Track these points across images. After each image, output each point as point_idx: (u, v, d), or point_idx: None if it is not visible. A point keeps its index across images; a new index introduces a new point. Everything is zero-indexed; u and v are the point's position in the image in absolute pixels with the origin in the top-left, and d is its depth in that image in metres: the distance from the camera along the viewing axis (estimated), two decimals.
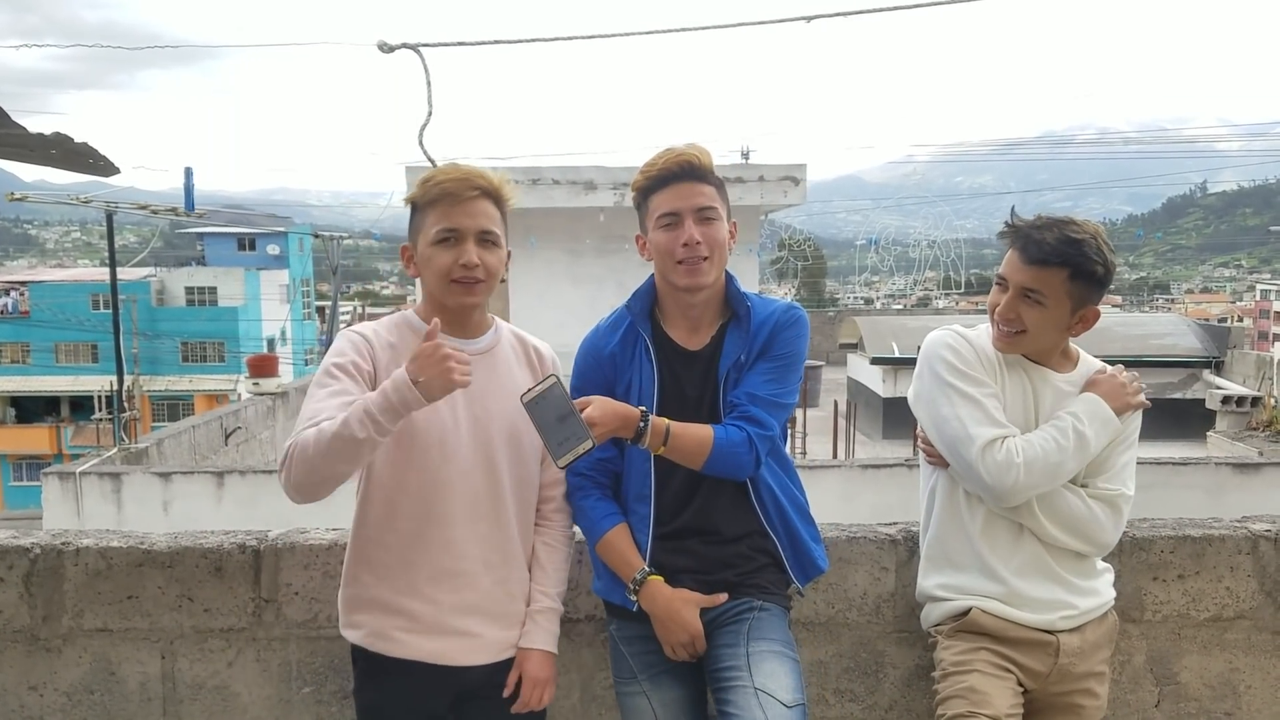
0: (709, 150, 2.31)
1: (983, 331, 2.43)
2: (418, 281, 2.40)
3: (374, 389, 2.10)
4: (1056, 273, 2.23)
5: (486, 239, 2.21)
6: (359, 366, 2.16)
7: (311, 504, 2.11)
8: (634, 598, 2.29)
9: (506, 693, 2.28)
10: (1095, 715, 2.43)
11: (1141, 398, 2.36)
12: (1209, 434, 12.08)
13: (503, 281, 2.30)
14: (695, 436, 2.22)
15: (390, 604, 2.23)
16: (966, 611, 2.40)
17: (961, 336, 2.40)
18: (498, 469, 2.26)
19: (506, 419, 2.27)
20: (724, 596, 2.29)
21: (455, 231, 2.18)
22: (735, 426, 2.24)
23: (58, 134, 2.63)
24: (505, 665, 2.29)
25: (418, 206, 2.25)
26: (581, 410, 2.08)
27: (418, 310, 2.32)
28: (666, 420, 2.21)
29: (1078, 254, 2.22)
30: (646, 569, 2.29)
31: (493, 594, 2.27)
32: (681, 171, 2.26)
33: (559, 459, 2.06)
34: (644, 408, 2.20)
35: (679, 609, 2.26)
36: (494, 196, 2.23)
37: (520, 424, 2.27)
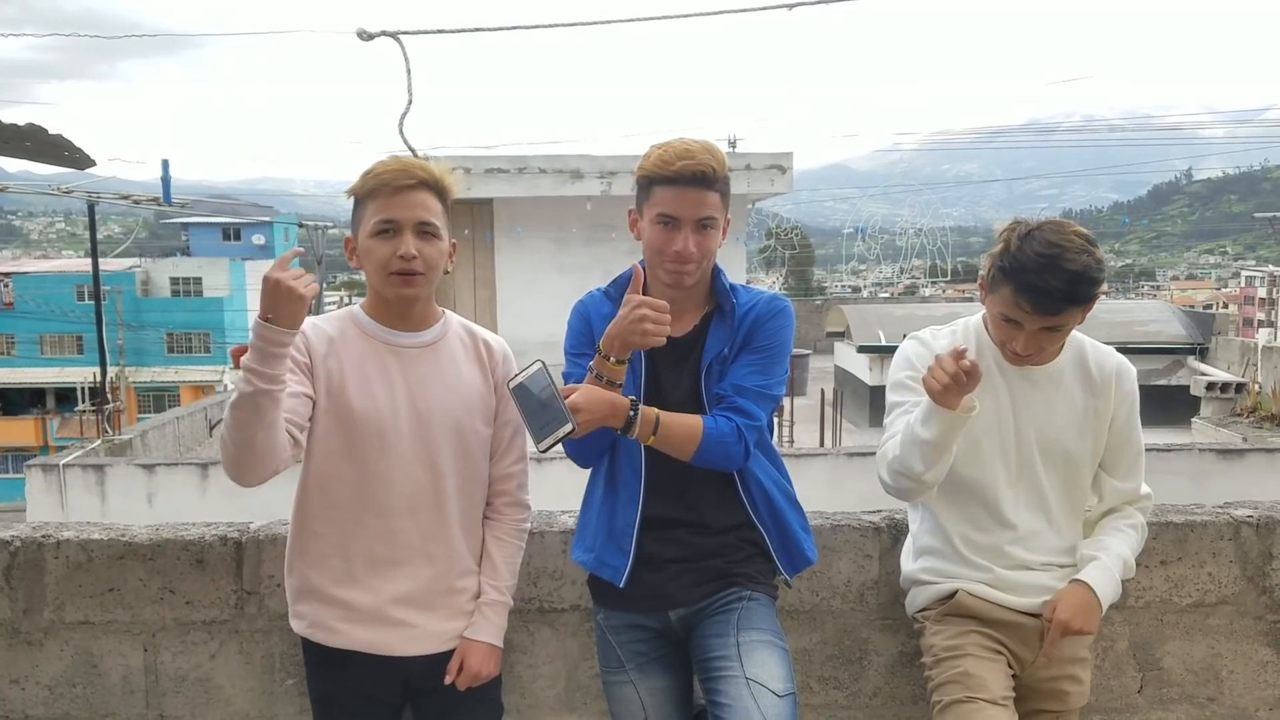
0: (722, 153, 2.26)
1: (960, 332, 2.43)
2: None
3: (311, 380, 2.17)
4: (1072, 311, 2.22)
5: (425, 230, 2.19)
6: (295, 360, 2.15)
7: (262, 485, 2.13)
8: (634, 415, 2.16)
9: (448, 680, 2.27)
10: (1079, 701, 2.44)
11: (947, 367, 2.14)
12: (1193, 420, 12.13)
13: (446, 273, 2.28)
14: (685, 426, 2.20)
15: (328, 594, 2.23)
16: (953, 594, 2.40)
17: (922, 344, 2.41)
18: (439, 462, 2.25)
19: (449, 413, 2.26)
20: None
21: (393, 223, 2.16)
22: (724, 417, 2.22)
23: (32, 125, 2.59)
24: (449, 656, 2.29)
25: (359, 199, 2.23)
26: (566, 397, 2.07)
27: (364, 305, 2.31)
28: (656, 410, 2.19)
29: (1086, 290, 2.19)
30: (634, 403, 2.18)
31: (434, 586, 2.27)
32: (694, 177, 2.21)
33: (539, 442, 2.04)
34: (633, 397, 2.18)
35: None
36: (434, 188, 2.21)
37: (464, 418, 2.28)
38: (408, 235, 2.16)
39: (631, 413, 2.14)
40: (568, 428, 2.02)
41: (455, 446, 2.27)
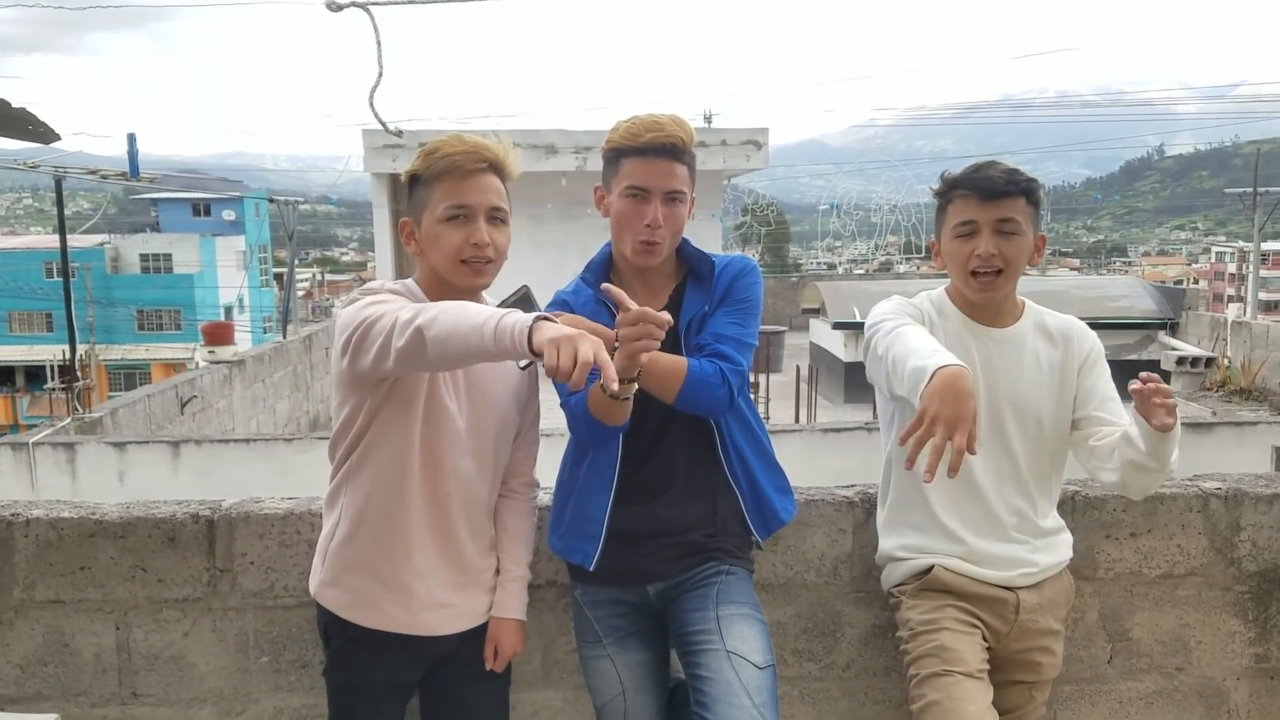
0: (690, 126, 2.28)
1: (923, 299, 2.46)
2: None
3: None
4: (1017, 200, 2.31)
5: (496, 216, 2.14)
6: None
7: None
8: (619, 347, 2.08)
9: (488, 666, 2.31)
10: (1052, 673, 2.48)
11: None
12: None
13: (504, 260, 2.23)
14: (670, 363, 2.19)
15: (389, 576, 2.19)
16: (928, 569, 2.42)
17: (903, 300, 2.45)
18: (485, 453, 2.25)
19: (500, 406, 2.26)
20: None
21: (465, 208, 2.10)
22: (707, 360, 2.23)
23: None
24: (473, 631, 2.30)
25: (421, 180, 2.15)
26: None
27: (418, 281, 2.23)
28: None
29: (1025, 180, 2.33)
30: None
31: (469, 567, 2.28)
32: (663, 149, 2.22)
33: (520, 359, 2.03)
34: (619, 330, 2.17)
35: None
36: (500, 170, 2.16)
37: (509, 411, 2.28)
38: (481, 222, 2.11)
39: (616, 344, 2.11)
40: None
41: (500, 439, 2.28)
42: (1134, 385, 2.19)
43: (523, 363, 2.00)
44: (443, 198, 2.11)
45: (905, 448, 2.42)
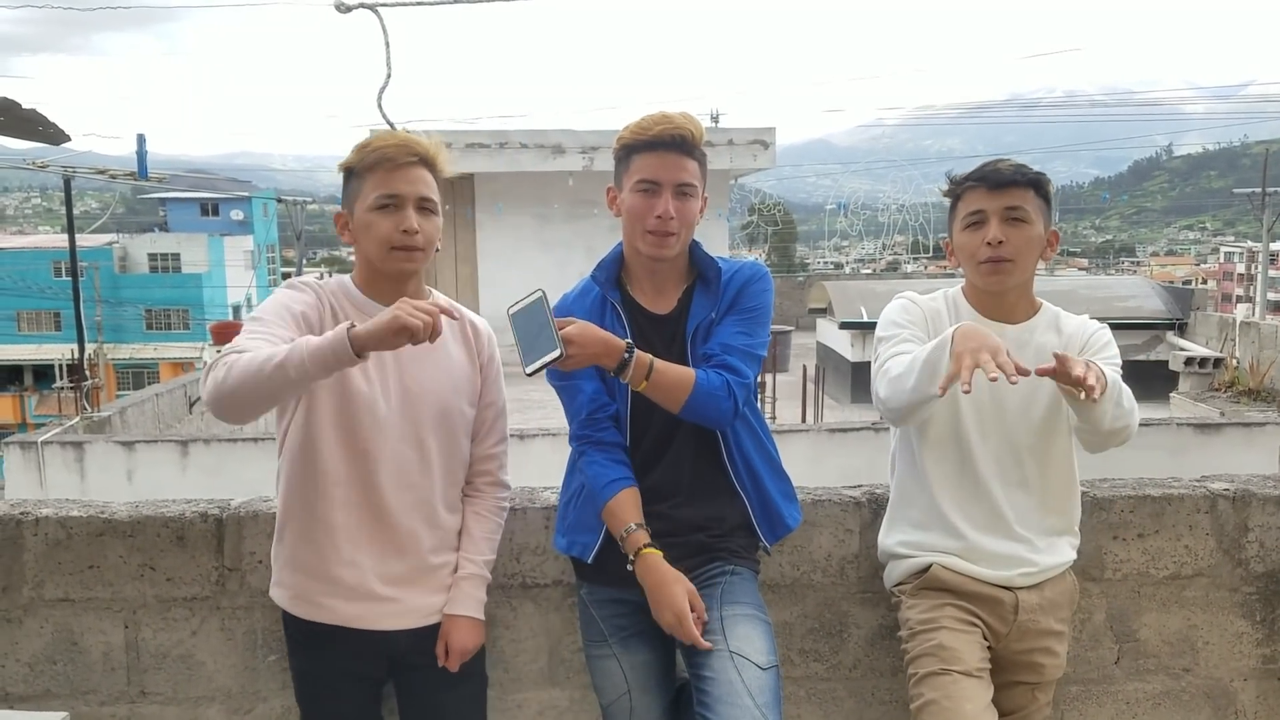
0: (701, 123, 2.30)
1: (939, 296, 2.46)
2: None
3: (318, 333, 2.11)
4: (1025, 191, 2.33)
5: (425, 206, 2.20)
6: (306, 316, 2.15)
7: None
8: (631, 568, 2.25)
9: (441, 663, 2.30)
10: (1055, 674, 2.47)
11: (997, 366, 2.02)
12: (1172, 395, 12.22)
13: (437, 250, 2.28)
14: (678, 374, 2.21)
15: (315, 568, 2.24)
16: (927, 568, 2.42)
17: (910, 301, 2.45)
18: (425, 441, 2.26)
19: (437, 393, 2.27)
20: (701, 607, 2.23)
21: (395, 198, 2.16)
22: (714, 372, 2.24)
23: (5, 100, 2.55)
24: (432, 630, 2.31)
25: (354, 172, 2.22)
26: (563, 328, 2.07)
27: (355, 280, 2.29)
28: (650, 355, 2.19)
29: (1034, 174, 2.35)
30: (646, 542, 2.24)
31: (417, 562, 2.28)
32: (673, 142, 2.25)
33: (527, 366, 2.06)
34: (629, 341, 2.19)
35: (670, 586, 2.20)
36: (430, 164, 2.23)
37: (451, 398, 2.29)
38: (410, 210, 2.17)
39: (626, 355, 2.15)
40: (555, 354, 2.03)
41: (441, 426, 2.28)
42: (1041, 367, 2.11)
43: (528, 369, 2.04)
44: (374, 188, 2.18)
45: (913, 442, 2.43)
